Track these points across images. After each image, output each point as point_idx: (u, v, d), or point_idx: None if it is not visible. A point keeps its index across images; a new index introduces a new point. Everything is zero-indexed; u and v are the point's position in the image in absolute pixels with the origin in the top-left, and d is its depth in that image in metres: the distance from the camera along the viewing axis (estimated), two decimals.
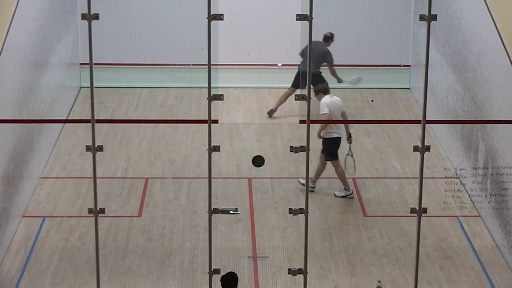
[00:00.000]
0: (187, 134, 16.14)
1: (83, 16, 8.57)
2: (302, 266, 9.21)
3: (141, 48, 18.44)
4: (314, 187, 13.90)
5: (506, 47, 12.11)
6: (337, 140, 13.81)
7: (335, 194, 13.78)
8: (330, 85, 18.32)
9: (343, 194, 13.77)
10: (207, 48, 8.72)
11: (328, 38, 16.97)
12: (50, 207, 13.40)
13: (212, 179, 9.13)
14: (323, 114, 13.69)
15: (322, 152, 13.89)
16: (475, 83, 13.58)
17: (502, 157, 12.16)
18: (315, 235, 12.60)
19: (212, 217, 9.12)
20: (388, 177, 14.56)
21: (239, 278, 9.40)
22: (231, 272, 9.39)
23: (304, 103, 8.91)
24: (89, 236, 12.43)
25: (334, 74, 17.08)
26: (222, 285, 9.27)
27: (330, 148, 13.79)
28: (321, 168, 13.89)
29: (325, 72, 16.94)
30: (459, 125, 14.52)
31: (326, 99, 13.79)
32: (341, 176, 13.77)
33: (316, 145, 15.39)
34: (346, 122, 15.96)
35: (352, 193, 13.80)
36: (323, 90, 14.03)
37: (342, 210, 13.42)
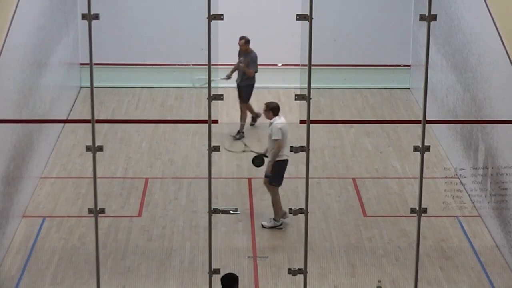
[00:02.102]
0: (187, 134, 16.14)
1: (83, 16, 8.57)
2: (302, 266, 9.21)
3: (141, 48, 18.44)
4: (281, 224, 12.87)
5: (506, 47, 12.11)
6: (286, 163, 12.75)
7: (262, 225, 12.78)
8: (330, 85, 18.53)
9: (271, 224, 12.77)
10: (207, 48, 8.72)
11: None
12: (50, 207, 13.40)
13: (212, 179, 9.13)
14: (276, 139, 12.56)
15: (269, 177, 12.77)
16: (475, 83, 13.58)
17: (502, 157, 12.16)
18: (315, 235, 12.60)
19: (212, 217, 9.12)
20: (388, 177, 14.56)
21: (239, 278, 9.40)
22: (230, 273, 9.39)
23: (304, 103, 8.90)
24: (89, 236, 12.43)
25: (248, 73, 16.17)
26: (222, 286, 9.27)
27: (281, 171, 12.77)
28: (277, 198, 12.87)
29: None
30: (459, 125, 14.52)
31: (278, 122, 12.72)
32: (277, 204, 12.77)
33: (317, 145, 15.42)
34: (348, 122, 15.99)
35: (281, 224, 12.77)
36: (275, 108, 12.94)
37: (342, 210, 13.42)
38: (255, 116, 16.66)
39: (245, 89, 16.29)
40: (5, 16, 12.38)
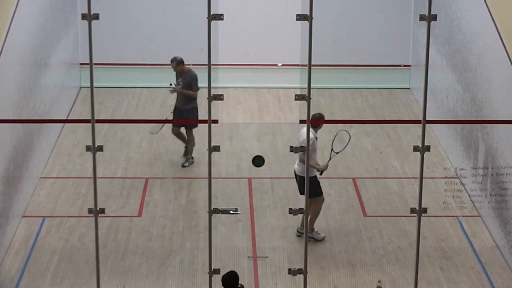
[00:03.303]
0: None
1: (83, 16, 8.57)
2: (302, 266, 9.21)
3: (141, 48, 18.44)
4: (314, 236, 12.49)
5: (506, 47, 12.11)
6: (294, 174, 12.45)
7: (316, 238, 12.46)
8: (330, 85, 18.54)
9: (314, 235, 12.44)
10: (207, 48, 8.72)
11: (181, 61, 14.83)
12: (50, 207, 13.40)
13: (212, 179, 9.13)
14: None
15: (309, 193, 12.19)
16: (475, 83, 13.58)
17: (502, 157, 12.16)
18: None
19: (212, 217, 9.12)
20: (388, 177, 14.56)
21: (239, 278, 9.41)
22: (231, 271, 9.40)
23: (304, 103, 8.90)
24: (89, 236, 12.43)
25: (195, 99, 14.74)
26: (223, 285, 9.28)
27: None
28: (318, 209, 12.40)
29: None
30: (459, 125, 14.52)
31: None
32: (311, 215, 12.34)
33: (317, 145, 15.39)
34: (348, 122, 15.95)
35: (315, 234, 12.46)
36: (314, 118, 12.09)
37: (342, 210, 13.42)
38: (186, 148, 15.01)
39: (189, 114, 14.69)
40: (5, 16, 12.38)
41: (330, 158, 12.48)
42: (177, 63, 14.79)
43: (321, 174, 12.44)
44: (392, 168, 14.89)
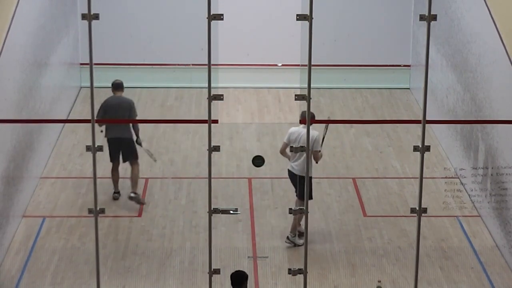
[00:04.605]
0: (187, 134, 16.13)
1: (83, 16, 8.57)
2: (302, 266, 9.21)
3: (141, 48, 18.44)
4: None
5: (506, 47, 12.11)
6: (289, 173, 12.40)
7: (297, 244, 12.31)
8: (330, 85, 18.53)
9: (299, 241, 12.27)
10: (207, 48, 8.72)
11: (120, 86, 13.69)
12: (50, 207, 13.40)
13: (212, 179, 9.13)
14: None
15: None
16: (475, 83, 13.58)
17: (502, 157, 12.16)
18: (315, 235, 12.60)
19: (212, 217, 9.12)
20: (388, 177, 14.56)
21: (247, 278, 9.42)
22: (241, 271, 9.44)
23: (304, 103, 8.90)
24: (89, 236, 12.43)
25: (137, 131, 13.68)
26: (231, 282, 9.31)
27: (290, 181, 12.52)
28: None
29: None
30: (459, 125, 14.52)
31: (294, 127, 12.33)
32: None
33: None
34: (348, 122, 15.92)
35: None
36: (301, 115, 11.91)
37: (342, 210, 13.42)
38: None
39: (125, 146, 13.57)
40: (5, 16, 12.38)
41: (321, 144, 12.49)
42: (114, 88, 13.69)
43: (317, 162, 12.48)
44: (392, 168, 14.89)
